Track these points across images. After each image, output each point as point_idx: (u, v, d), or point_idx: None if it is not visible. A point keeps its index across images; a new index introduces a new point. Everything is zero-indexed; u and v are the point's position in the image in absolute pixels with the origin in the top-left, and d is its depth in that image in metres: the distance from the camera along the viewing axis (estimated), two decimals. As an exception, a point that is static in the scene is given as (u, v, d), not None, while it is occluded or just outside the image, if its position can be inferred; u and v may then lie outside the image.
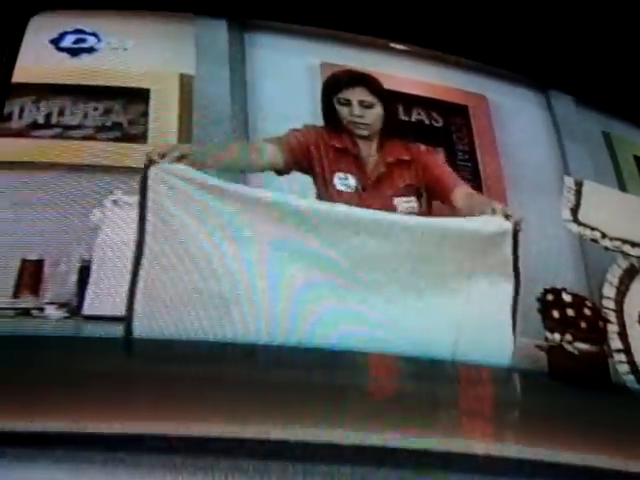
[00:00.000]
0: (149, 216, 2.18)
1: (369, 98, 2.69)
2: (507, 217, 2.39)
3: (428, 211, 2.69)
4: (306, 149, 2.67)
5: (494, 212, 2.41)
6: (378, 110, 2.68)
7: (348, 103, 2.68)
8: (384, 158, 2.69)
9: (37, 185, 2.62)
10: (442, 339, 2.20)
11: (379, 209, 2.55)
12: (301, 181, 2.64)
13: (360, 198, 2.62)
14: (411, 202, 2.65)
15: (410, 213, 2.62)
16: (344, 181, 2.65)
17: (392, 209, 2.61)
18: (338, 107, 2.70)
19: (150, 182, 2.22)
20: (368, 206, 2.57)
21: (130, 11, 3.14)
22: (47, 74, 3.00)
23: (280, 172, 2.64)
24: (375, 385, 2.20)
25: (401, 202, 2.64)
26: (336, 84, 2.74)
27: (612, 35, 3.25)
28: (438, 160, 2.82)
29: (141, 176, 2.24)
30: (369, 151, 2.71)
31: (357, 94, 2.68)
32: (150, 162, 2.26)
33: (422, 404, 2.04)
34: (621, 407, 2.13)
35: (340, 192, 2.64)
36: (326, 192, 2.65)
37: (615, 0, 3.20)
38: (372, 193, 2.64)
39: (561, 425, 2.02)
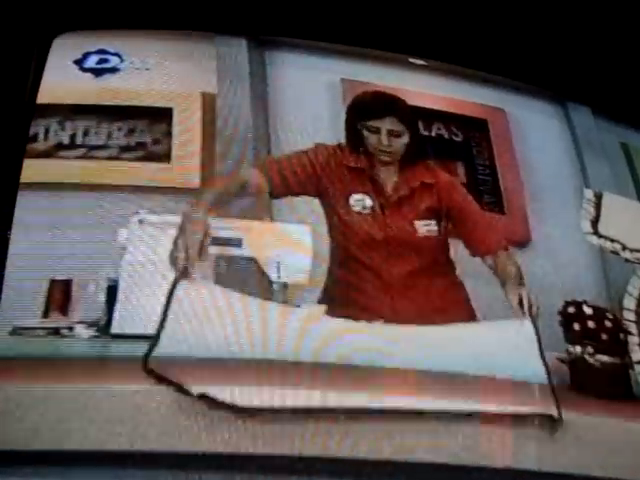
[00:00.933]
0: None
1: (399, 128, 2.70)
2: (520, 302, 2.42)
3: (445, 236, 2.71)
4: (312, 171, 2.69)
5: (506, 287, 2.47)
6: (405, 139, 2.70)
7: (377, 131, 2.69)
8: (408, 181, 2.71)
9: (63, 206, 2.65)
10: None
11: (398, 230, 2.59)
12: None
13: (378, 219, 2.64)
14: (431, 225, 2.66)
15: (429, 236, 2.64)
16: (360, 202, 2.65)
17: (412, 232, 2.63)
18: (366, 134, 2.71)
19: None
20: (387, 227, 2.60)
21: (152, 31, 3.17)
22: (71, 94, 3.03)
23: (271, 195, 2.66)
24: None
25: (421, 225, 2.65)
26: (366, 111, 2.75)
27: (629, 46, 3.25)
28: (469, 203, 2.82)
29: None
30: (389, 171, 2.72)
31: (387, 124, 2.70)
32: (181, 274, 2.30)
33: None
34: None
35: (358, 213, 2.65)
36: (339, 214, 2.67)
37: (632, 11, 3.20)
38: (392, 214, 2.66)
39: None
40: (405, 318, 2.51)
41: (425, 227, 2.65)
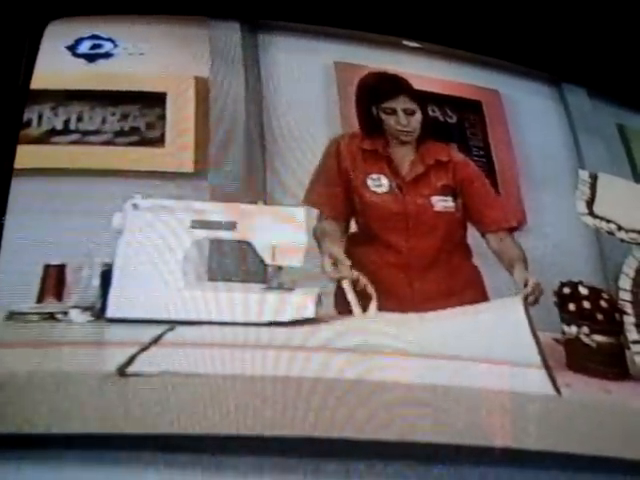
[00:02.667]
0: None
1: (412, 106, 2.73)
2: (525, 284, 2.43)
3: (463, 213, 2.73)
4: (339, 173, 2.73)
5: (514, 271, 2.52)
6: (419, 116, 2.73)
7: (394, 112, 2.71)
8: (423, 159, 2.74)
9: (57, 191, 2.65)
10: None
11: (416, 207, 2.61)
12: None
13: (396, 197, 2.66)
14: (448, 201, 2.69)
15: (446, 212, 2.66)
16: (377, 182, 2.68)
17: (429, 207, 2.66)
18: (383, 116, 2.73)
19: None
20: (405, 204, 2.62)
21: (145, 16, 3.16)
22: (64, 80, 3.02)
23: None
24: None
25: (438, 201, 2.67)
26: (378, 94, 2.76)
27: (625, 26, 3.25)
28: (481, 180, 2.84)
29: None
30: (404, 150, 2.75)
31: (401, 103, 2.72)
32: None
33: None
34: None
35: (375, 193, 2.67)
36: (360, 195, 2.71)
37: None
38: (409, 192, 2.68)
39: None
40: (421, 299, 2.57)
41: (442, 203, 2.68)
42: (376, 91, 2.79)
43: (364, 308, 2.49)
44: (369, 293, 2.52)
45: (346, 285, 2.52)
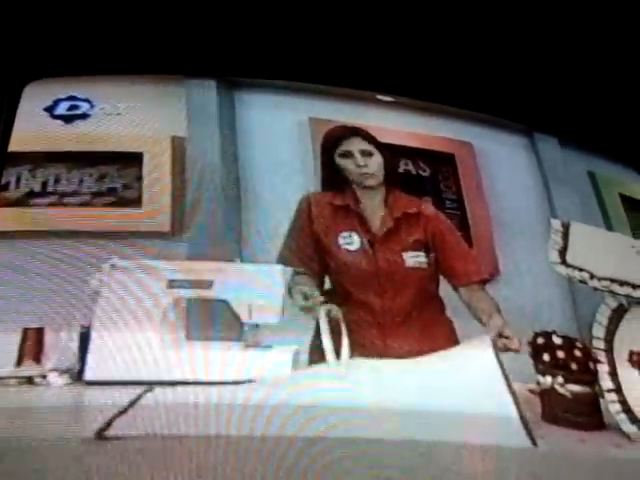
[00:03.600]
0: None
1: (368, 147, 2.74)
2: (501, 336, 2.45)
3: (436, 267, 2.75)
4: (311, 232, 2.74)
5: (489, 322, 2.54)
6: (378, 158, 2.74)
7: (350, 154, 2.73)
8: (391, 213, 2.74)
9: (36, 253, 2.66)
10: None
11: (387, 264, 2.62)
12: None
13: (367, 255, 2.68)
14: (420, 257, 2.69)
15: (419, 267, 2.68)
16: (348, 239, 2.69)
17: (401, 264, 2.67)
18: (341, 161, 2.75)
19: None
20: (377, 261, 2.63)
21: (121, 76, 3.19)
22: (42, 142, 3.05)
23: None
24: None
25: (409, 257, 2.68)
26: (333, 140, 2.79)
27: (593, 75, 3.30)
28: (451, 233, 2.85)
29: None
30: (374, 205, 2.76)
31: (356, 144, 2.74)
32: None
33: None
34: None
35: (346, 251, 2.69)
36: (332, 253, 2.71)
37: (592, 40, 3.24)
38: (380, 248, 2.70)
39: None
40: (394, 355, 2.52)
41: (413, 259, 2.69)
42: (332, 138, 2.82)
43: (337, 353, 2.49)
44: (341, 331, 2.53)
45: (322, 317, 2.51)
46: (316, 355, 2.56)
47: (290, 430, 2.07)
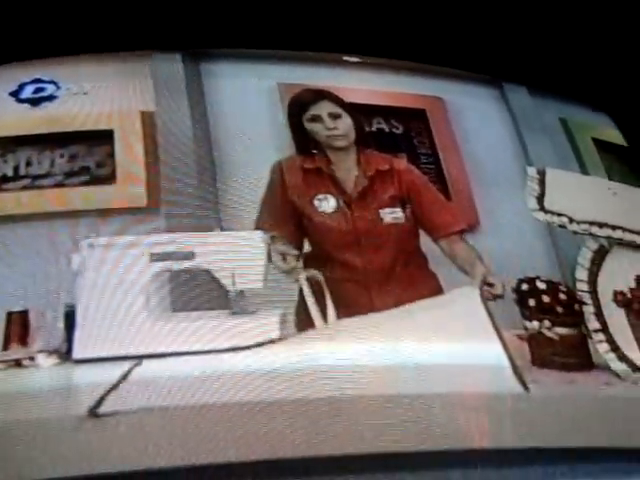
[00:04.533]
0: None
1: (336, 109, 2.71)
2: (489, 285, 2.45)
3: (414, 221, 2.74)
4: (284, 196, 2.72)
5: (472, 271, 2.53)
6: (347, 120, 2.71)
7: (318, 118, 2.70)
8: (364, 171, 2.72)
9: (14, 237, 2.65)
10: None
11: (365, 222, 2.62)
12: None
13: (345, 215, 2.67)
14: (397, 212, 2.69)
15: (396, 223, 2.68)
16: (323, 202, 2.68)
17: (378, 221, 2.67)
18: (310, 125, 2.72)
19: None
20: (355, 221, 2.63)
21: (85, 55, 3.16)
22: (10, 126, 3.03)
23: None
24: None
25: (387, 213, 2.68)
26: (301, 105, 2.75)
27: (559, 19, 3.29)
28: (426, 186, 2.83)
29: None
30: (347, 166, 2.74)
31: (324, 108, 2.71)
32: None
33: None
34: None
35: (323, 213, 2.68)
36: (309, 217, 2.70)
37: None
38: (357, 208, 2.69)
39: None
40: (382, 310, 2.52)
41: (390, 215, 2.68)
42: (299, 102, 2.78)
43: (324, 317, 2.49)
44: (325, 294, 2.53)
45: (303, 282, 2.51)
46: (303, 317, 2.57)
47: (284, 393, 2.07)
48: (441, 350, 2.19)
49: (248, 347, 2.28)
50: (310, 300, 2.49)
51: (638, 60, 3.24)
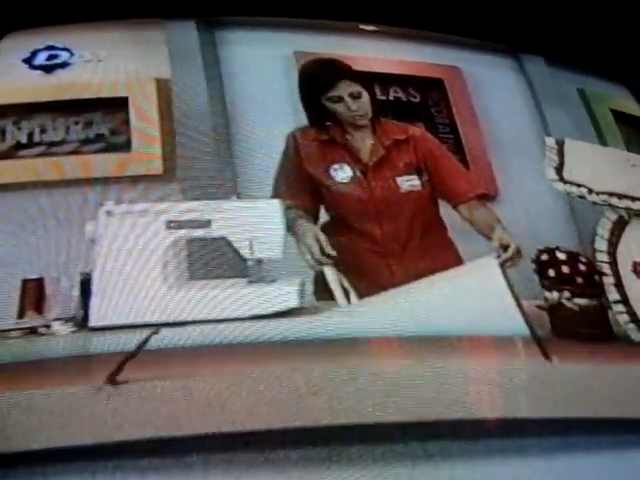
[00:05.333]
0: None
1: (356, 88, 2.66)
2: (504, 248, 2.43)
3: (432, 189, 2.72)
4: (300, 167, 2.70)
5: (492, 235, 2.48)
6: (366, 97, 2.67)
7: (341, 99, 2.66)
8: (381, 141, 2.70)
9: (29, 204, 2.64)
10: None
11: (383, 191, 2.60)
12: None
13: (361, 184, 2.65)
14: (413, 180, 2.67)
15: (413, 191, 2.66)
16: (339, 171, 2.66)
17: (396, 189, 2.65)
18: (331, 105, 2.67)
19: None
20: (372, 190, 2.61)
21: (99, 22, 3.14)
22: (24, 94, 3.02)
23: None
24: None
25: (403, 181, 2.66)
26: (321, 84, 2.68)
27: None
28: (442, 153, 2.81)
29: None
30: (363, 136, 2.71)
31: (345, 88, 2.65)
32: None
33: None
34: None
35: (340, 182, 2.66)
36: (326, 186, 2.68)
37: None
38: (374, 177, 2.67)
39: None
40: (402, 281, 2.47)
41: (408, 182, 2.66)
42: (317, 81, 2.72)
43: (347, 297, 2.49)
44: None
45: (330, 274, 2.51)
46: (321, 286, 2.56)
47: (304, 362, 2.06)
48: (460, 321, 2.18)
49: (267, 315, 2.28)
50: (335, 286, 2.49)
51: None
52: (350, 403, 1.99)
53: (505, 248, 2.42)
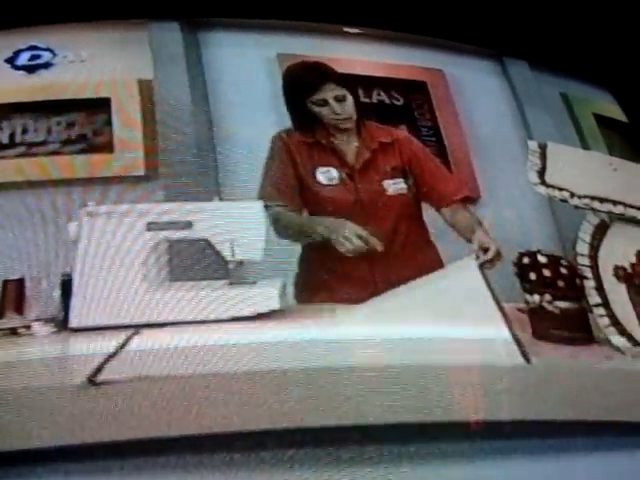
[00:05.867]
0: None
1: (341, 92, 2.67)
2: (484, 250, 2.43)
3: (416, 192, 2.72)
4: (292, 165, 2.70)
5: (473, 239, 2.48)
6: (350, 100, 2.68)
7: (325, 103, 2.67)
8: (367, 144, 2.71)
9: (10, 205, 2.63)
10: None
11: (369, 194, 2.61)
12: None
13: (348, 187, 2.65)
14: (399, 183, 2.68)
15: (400, 194, 2.66)
16: (326, 174, 2.66)
17: (383, 192, 2.66)
18: (316, 109, 2.68)
19: None
20: (358, 193, 2.61)
21: (82, 23, 3.13)
22: (6, 94, 3.00)
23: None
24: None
25: (390, 185, 2.67)
26: (305, 87, 2.69)
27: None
28: (426, 156, 2.82)
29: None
30: (348, 138, 2.72)
31: (330, 92, 2.66)
32: None
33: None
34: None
35: (326, 185, 2.66)
36: (311, 189, 2.68)
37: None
38: (360, 180, 2.67)
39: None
40: (384, 284, 2.50)
41: (394, 186, 2.67)
42: (302, 84, 2.72)
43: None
44: None
45: None
46: (302, 288, 2.56)
47: (283, 364, 2.06)
48: (441, 323, 2.19)
49: (248, 317, 2.27)
50: None
51: (639, 36, 3.23)
52: (332, 405, 2.00)
53: (485, 250, 2.42)
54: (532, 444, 2.05)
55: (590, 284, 2.27)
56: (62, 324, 2.27)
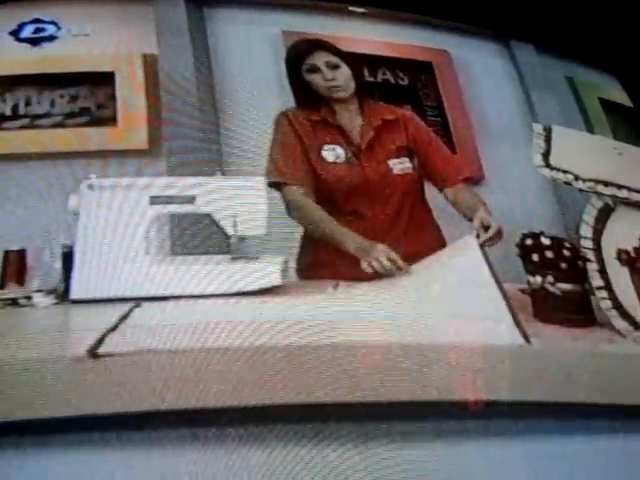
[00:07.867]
0: None
1: (333, 59, 2.65)
2: (485, 228, 2.42)
3: (422, 171, 2.71)
4: (299, 143, 2.66)
5: (474, 217, 2.46)
6: (345, 70, 2.65)
7: (316, 69, 2.64)
8: (370, 122, 2.68)
9: (12, 177, 2.62)
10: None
11: (375, 173, 2.59)
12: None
13: (354, 166, 2.64)
14: (405, 162, 2.66)
15: (406, 173, 2.65)
16: (332, 152, 2.64)
17: (389, 171, 2.64)
18: (309, 77, 2.65)
19: None
20: (364, 172, 2.60)
21: (87, -4, 3.14)
22: (10, 66, 3.00)
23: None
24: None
25: (396, 164, 2.65)
26: (297, 56, 2.68)
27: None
28: (430, 136, 2.79)
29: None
30: (351, 116, 2.70)
31: (321, 58, 2.65)
32: None
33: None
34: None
35: (332, 163, 2.64)
36: (316, 166, 2.64)
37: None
38: (366, 159, 2.65)
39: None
40: None
41: (399, 165, 2.65)
42: (295, 54, 2.72)
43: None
44: None
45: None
46: (304, 264, 2.55)
47: (284, 340, 2.05)
48: (441, 302, 2.18)
49: (249, 292, 2.27)
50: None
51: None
52: (332, 381, 1.99)
53: (486, 228, 2.42)
54: (528, 425, 2.05)
55: (593, 267, 2.26)
56: (63, 295, 2.27)
